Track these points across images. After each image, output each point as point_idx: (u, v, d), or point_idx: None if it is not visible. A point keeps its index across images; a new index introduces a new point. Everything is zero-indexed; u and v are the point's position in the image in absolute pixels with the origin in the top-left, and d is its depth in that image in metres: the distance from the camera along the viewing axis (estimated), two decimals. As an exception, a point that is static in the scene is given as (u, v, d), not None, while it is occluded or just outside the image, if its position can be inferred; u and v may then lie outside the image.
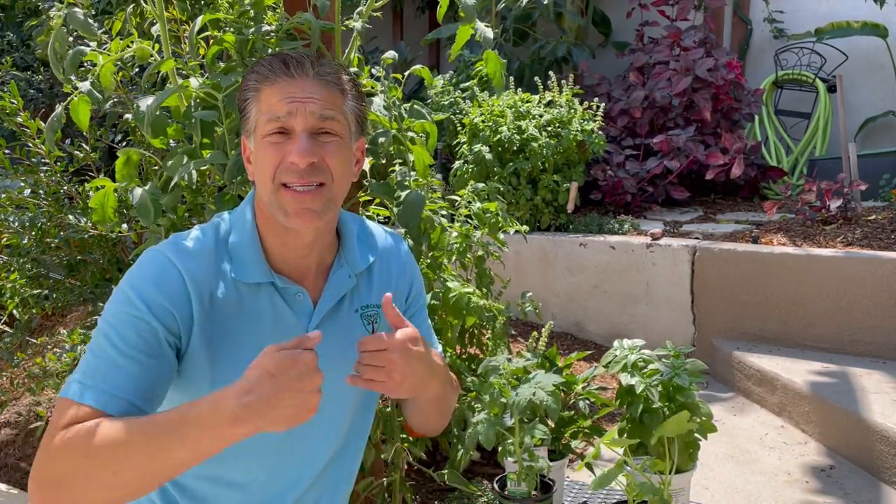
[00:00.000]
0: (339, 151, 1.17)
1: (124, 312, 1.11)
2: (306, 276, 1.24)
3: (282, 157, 1.13)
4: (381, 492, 2.08)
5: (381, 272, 1.32)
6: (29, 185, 2.66)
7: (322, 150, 1.15)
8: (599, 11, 5.96)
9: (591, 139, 4.15)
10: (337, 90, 1.17)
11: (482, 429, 1.47)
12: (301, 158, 1.12)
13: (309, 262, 1.23)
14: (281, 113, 1.13)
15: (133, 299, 1.11)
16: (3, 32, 5.79)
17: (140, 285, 1.12)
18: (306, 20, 1.74)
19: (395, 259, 1.35)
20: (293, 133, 1.14)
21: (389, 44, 7.07)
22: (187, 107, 1.78)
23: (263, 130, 1.15)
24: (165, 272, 1.13)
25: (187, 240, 1.19)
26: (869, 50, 5.29)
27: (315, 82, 1.15)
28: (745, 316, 3.47)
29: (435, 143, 1.96)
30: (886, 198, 4.38)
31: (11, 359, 2.58)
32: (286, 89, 1.14)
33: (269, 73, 1.15)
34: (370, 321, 1.29)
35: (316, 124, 1.14)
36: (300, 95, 1.14)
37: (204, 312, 1.14)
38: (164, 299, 1.11)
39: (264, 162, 1.15)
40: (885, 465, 2.53)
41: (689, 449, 1.45)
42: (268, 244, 1.21)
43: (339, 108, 1.17)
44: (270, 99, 1.14)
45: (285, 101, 1.13)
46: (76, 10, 1.86)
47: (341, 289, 1.25)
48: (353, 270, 1.27)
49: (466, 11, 1.80)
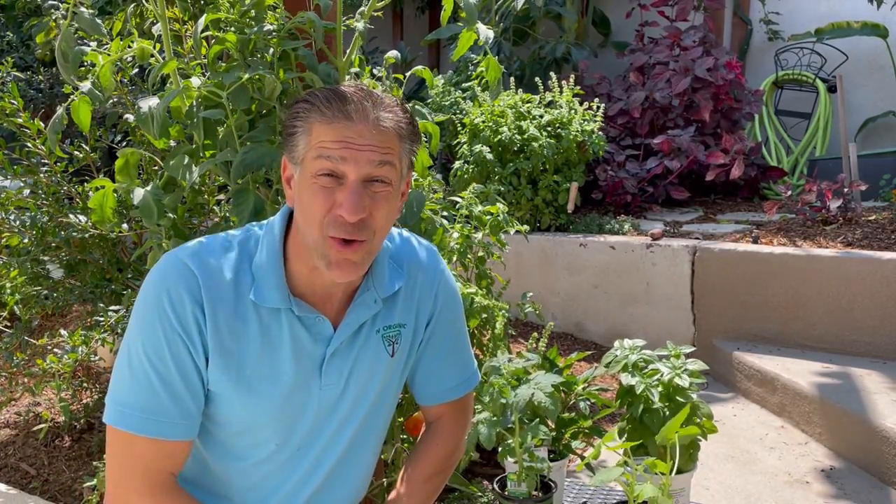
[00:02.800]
0: (388, 202, 1.12)
1: (154, 324, 1.11)
2: (330, 301, 1.21)
3: (331, 205, 1.08)
4: (381, 492, 2.08)
5: (410, 292, 1.29)
6: (29, 186, 2.66)
7: (372, 202, 1.10)
8: (599, 11, 5.96)
9: (592, 139, 4.15)
10: (395, 135, 1.12)
11: (482, 429, 1.47)
12: (351, 215, 1.07)
13: (335, 290, 1.20)
14: (334, 155, 1.07)
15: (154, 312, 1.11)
16: (3, 32, 5.79)
17: (162, 295, 1.11)
18: (309, 20, 1.74)
19: (428, 279, 1.31)
20: (345, 179, 1.09)
21: (389, 44, 7.08)
22: (189, 106, 1.78)
23: (313, 168, 1.09)
24: (180, 281, 1.12)
25: (213, 250, 1.17)
26: (869, 50, 5.29)
27: (374, 128, 1.09)
28: (746, 316, 3.47)
29: (437, 144, 1.96)
30: (886, 198, 4.38)
31: (11, 359, 2.58)
32: (343, 132, 1.08)
33: (325, 110, 1.09)
34: (391, 342, 1.26)
35: (370, 172, 1.09)
36: (357, 143, 1.08)
37: (218, 328, 1.13)
38: (181, 313, 1.11)
39: (312, 206, 1.10)
40: (886, 466, 2.53)
41: (689, 449, 1.45)
42: (294, 269, 1.18)
43: (395, 154, 1.12)
44: (323, 136, 1.08)
45: (340, 146, 1.07)
46: (83, 10, 1.86)
47: (365, 314, 1.23)
48: (381, 294, 1.24)
49: (468, 13, 1.80)
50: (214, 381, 1.15)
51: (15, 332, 2.62)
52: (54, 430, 2.86)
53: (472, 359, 1.44)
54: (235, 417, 1.19)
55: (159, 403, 1.11)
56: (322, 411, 1.23)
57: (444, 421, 1.42)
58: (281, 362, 1.17)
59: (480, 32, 1.81)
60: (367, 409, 1.28)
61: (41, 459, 2.71)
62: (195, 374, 1.13)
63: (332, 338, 1.20)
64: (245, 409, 1.17)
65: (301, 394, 1.20)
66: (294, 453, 1.23)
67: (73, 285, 2.67)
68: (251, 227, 1.23)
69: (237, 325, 1.14)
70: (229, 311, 1.14)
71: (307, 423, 1.22)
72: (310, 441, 1.24)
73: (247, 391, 1.16)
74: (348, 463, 1.30)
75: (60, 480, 2.60)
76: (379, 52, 6.52)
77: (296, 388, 1.19)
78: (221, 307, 1.13)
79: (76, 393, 2.86)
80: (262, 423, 1.20)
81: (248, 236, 1.20)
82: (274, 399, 1.18)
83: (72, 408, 2.89)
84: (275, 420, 1.20)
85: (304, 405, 1.21)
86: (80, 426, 2.85)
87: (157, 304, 1.11)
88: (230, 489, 1.24)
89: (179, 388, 1.12)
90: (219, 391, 1.16)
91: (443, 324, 1.35)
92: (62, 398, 2.71)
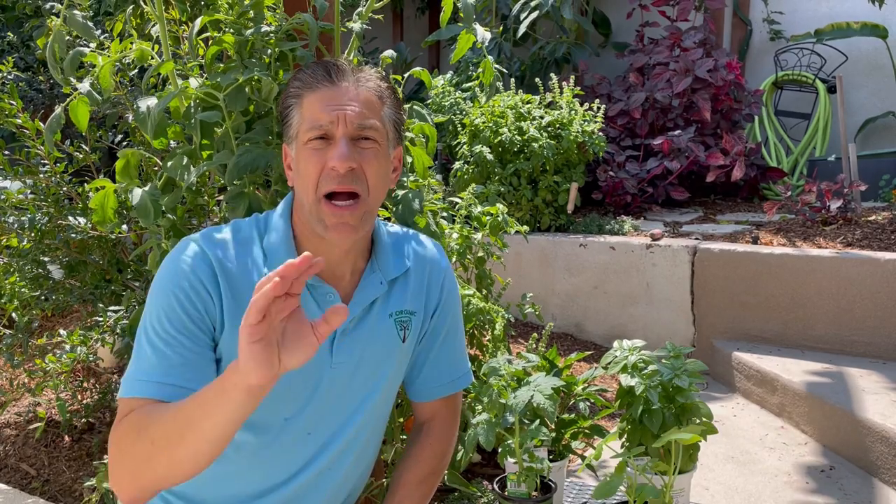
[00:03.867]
0: (377, 159, 1.19)
1: (164, 301, 1.15)
2: (340, 282, 1.26)
3: (323, 164, 1.16)
4: (381, 492, 2.08)
5: (419, 280, 1.34)
6: (28, 187, 2.66)
7: (361, 156, 1.17)
8: (599, 12, 5.97)
9: (592, 140, 4.15)
10: (376, 97, 1.21)
11: (482, 430, 1.47)
12: (341, 163, 1.14)
13: (343, 269, 1.26)
14: (323, 121, 1.16)
15: (170, 287, 1.15)
16: (4, 33, 5.79)
17: (176, 270, 1.16)
18: (305, 21, 1.74)
19: (436, 272, 1.37)
20: (334, 139, 1.17)
21: (389, 44, 7.08)
22: (187, 107, 1.78)
23: (305, 137, 1.17)
24: (197, 257, 1.17)
25: (222, 231, 1.23)
26: (869, 51, 5.29)
27: (355, 88, 1.19)
28: (745, 316, 3.47)
29: (435, 146, 1.96)
30: (886, 198, 4.38)
31: (11, 360, 2.58)
32: (328, 96, 1.17)
33: (311, 80, 1.18)
34: (402, 327, 1.31)
35: (356, 131, 1.17)
36: (341, 102, 1.17)
37: (234, 302, 1.16)
38: (197, 283, 1.15)
39: (307, 170, 1.17)
40: (885, 466, 2.53)
41: (689, 450, 1.45)
42: (303, 249, 1.23)
43: (378, 116, 1.20)
44: (312, 106, 1.17)
45: (327, 109, 1.16)
46: (75, 13, 1.86)
47: (372, 294, 1.27)
48: (386, 277, 1.29)
49: (466, 14, 1.80)
50: (228, 349, 1.16)
51: (15, 333, 2.62)
52: (54, 431, 2.86)
53: (467, 359, 1.47)
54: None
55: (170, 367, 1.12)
56: (333, 393, 1.25)
57: (436, 421, 1.44)
58: None
59: (478, 33, 1.82)
60: (379, 396, 1.30)
61: (41, 459, 2.72)
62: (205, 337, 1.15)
63: None
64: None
65: (312, 370, 1.21)
66: (305, 437, 1.25)
67: (72, 286, 2.67)
68: (257, 216, 1.29)
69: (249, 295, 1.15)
70: (241, 280, 1.18)
71: (318, 402, 1.24)
72: (319, 424, 1.25)
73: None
74: (354, 452, 1.31)
75: (60, 480, 2.60)
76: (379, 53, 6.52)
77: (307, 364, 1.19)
78: (234, 276, 1.18)
79: (76, 393, 2.86)
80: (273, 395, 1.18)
81: (256, 220, 1.27)
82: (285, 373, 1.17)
83: (72, 408, 2.89)
84: (285, 392, 1.19)
85: (316, 382, 1.23)
86: (81, 426, 2.85)
87: (169, 278, 1.16)
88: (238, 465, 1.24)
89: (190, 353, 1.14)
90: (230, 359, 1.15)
91: (444, 317, 1.39)
92: (60, 398, 2.70)
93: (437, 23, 6.62)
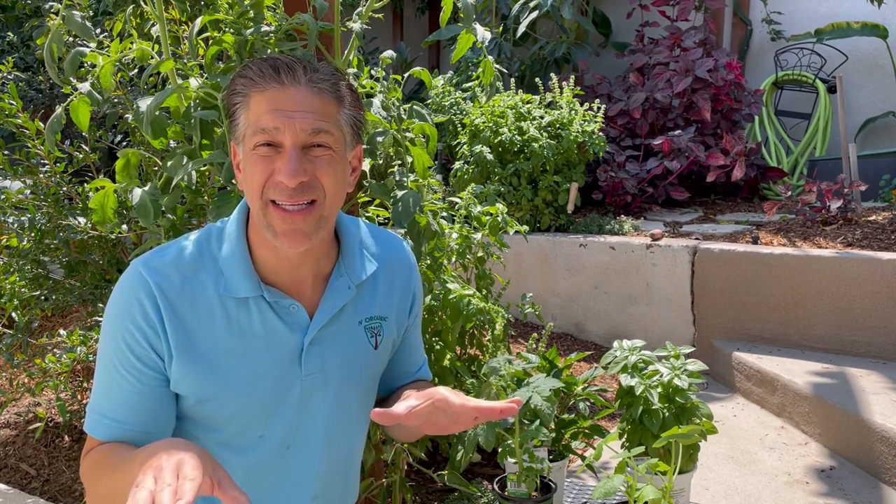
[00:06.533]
0: (332, 166, 1.10)
1: (113, 335, 1.13)
2: (302, 288, 1.18)
3: (270, 172, 1.07)
4: (381, 492, 2.08)
5: (386, 280, 1.27)
6: (28, 187, 2.66)
7: (313, 166, 1.08)
8: (599, 12, 5.97)
9: (592, 140, 4.15)
10: (332, 98, 1.10)
11: (482, 430, 1.47)
12: (290, 179, 1.05)
13: (303, 273, 1.17)
14: (268, 126, 1.06)
15: (117, 327, 1.12)
16: (4, 33, 5.79)
17: (121, 304, 1.13)
18: (305, 21, 1.74)
19: (400, 267, 1.30)
20: (282, 147, 1.07)
21: (389, 44, 7.08)
22: (187, 107, 1.78)
23: (251, 142, 1.08)
24: (138, 287, 1.11)
25: (168, 253, 1.15)
26: (869, 51, 5.29)
27: (308, 91, 1.07)
28: (745, 316, 3.47)
29: (435, 146, 1.96)
30: (886, 198, 4.38)
31: (11, 360, 2.58)
32: (276, 99, 1.06)
33: (258, 79, 1.07)
34: (373, 333, 1.24)
35: (307, 140, 1.07)
36: (290, 108, 1.06)
37: (179, 329, 1.11)
38: (141, 319, 1.11)
39: (252, 176, 1.08)
40: (886, 466, 2.53)
41: (689, 450, 1.45)
42: (259, 255, 1.16)
43: (333, 120, 1.09)
44: (259, 108, 1.07)
45: (274, 115, 1.05)
46: (74, 13, 1.86)
47: (340, 300, 1.19)
48: (354, 281, 1.21)
49: (465, 13, 1.80)
50: (181, 377, 1.13)
51: (15, 333, 2.62)
52: (54, 430, 2.86)
53: (424, 352, 1.43)
54: (218, 412, 1.16)
55: (126, 410, 1.13)
56: (309, 404, 1.20)
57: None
58: (254, 353, 1.15)
59: (478, 33, 1.82)
60: (356, 405, 1.26)
61: (41, 459, 2.72)
62: (156, 374, 1.13)
63: (308, 326, 1.18)
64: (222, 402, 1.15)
65: (283, 384, 1.17)
66: (283, 451, 1.21)
67: (72, 286, 2.67)
68: (212, 225, 1.20)
69: (199, 321, 1.13)
70: (186, 307, 1.12)
71: (291, 415, 1.19)
72: (298, 437, 1.21)
73: (221, 384, 1.14)
74: (340, 460, 1.28)
75: (60, 480, 2.60)
76: (379, 53, 6.52)
77: (276, 379, 1.17)
78: (179, 304, 1.12)
79: (76, 393, 2.86)
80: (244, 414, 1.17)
81: (210, 233, 1.19)
82: (253, 390, 1.15)
83: (72, 408, 2.89)
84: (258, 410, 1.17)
85: (286, 396, 1.18)
86: (80, 426, 2.85)
87: (116, 313, 1.13)
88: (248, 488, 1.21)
89: (138, 394, 1.13)
90: (187, 386, 1.14)
91: (414, 318, 1.35)
92: (60, 398, 2.70)
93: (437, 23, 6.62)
